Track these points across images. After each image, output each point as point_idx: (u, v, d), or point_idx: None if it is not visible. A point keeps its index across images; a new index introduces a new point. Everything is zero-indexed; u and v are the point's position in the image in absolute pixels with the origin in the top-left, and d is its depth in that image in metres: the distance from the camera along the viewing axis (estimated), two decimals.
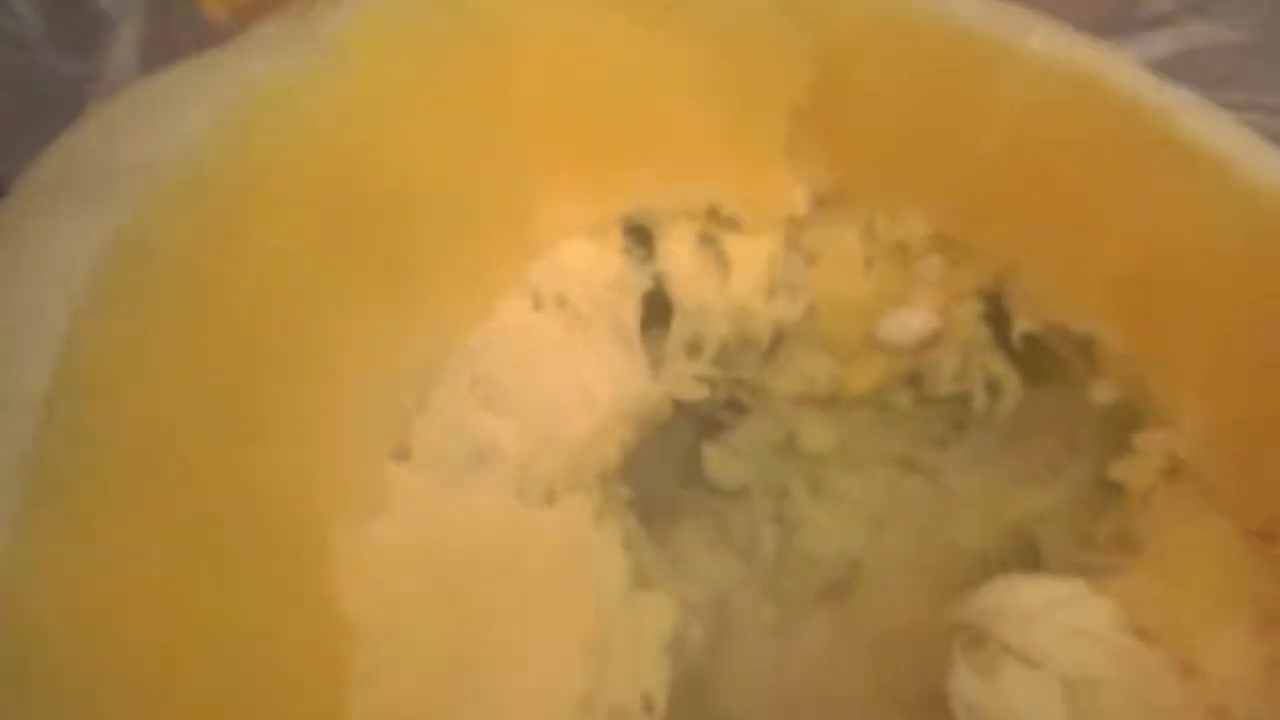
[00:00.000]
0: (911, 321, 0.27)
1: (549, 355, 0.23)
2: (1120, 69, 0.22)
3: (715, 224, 0.26)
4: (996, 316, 0.26)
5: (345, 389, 0.19)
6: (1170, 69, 0.22)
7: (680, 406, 0.27)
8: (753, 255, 0.26)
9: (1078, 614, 0.21)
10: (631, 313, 0.24)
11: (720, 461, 0.31)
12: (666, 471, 0.32)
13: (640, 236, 0.26)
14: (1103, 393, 0.24)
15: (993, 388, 0.27)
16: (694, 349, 0.26)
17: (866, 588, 0.33)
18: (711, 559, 0.34)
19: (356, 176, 0.20)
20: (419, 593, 0.17)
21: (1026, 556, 0.27)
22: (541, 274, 0.24)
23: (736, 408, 0.31)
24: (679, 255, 0.26)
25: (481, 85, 0.22)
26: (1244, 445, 0.21)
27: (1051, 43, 0.22)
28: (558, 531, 0.20)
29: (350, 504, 0.18)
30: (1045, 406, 0.28)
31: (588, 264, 0.25)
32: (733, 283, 0.26)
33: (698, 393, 0.25)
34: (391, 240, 0.21)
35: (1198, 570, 0.21)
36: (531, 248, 0.24)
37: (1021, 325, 0.25)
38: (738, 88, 0.25)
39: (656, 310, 0.26)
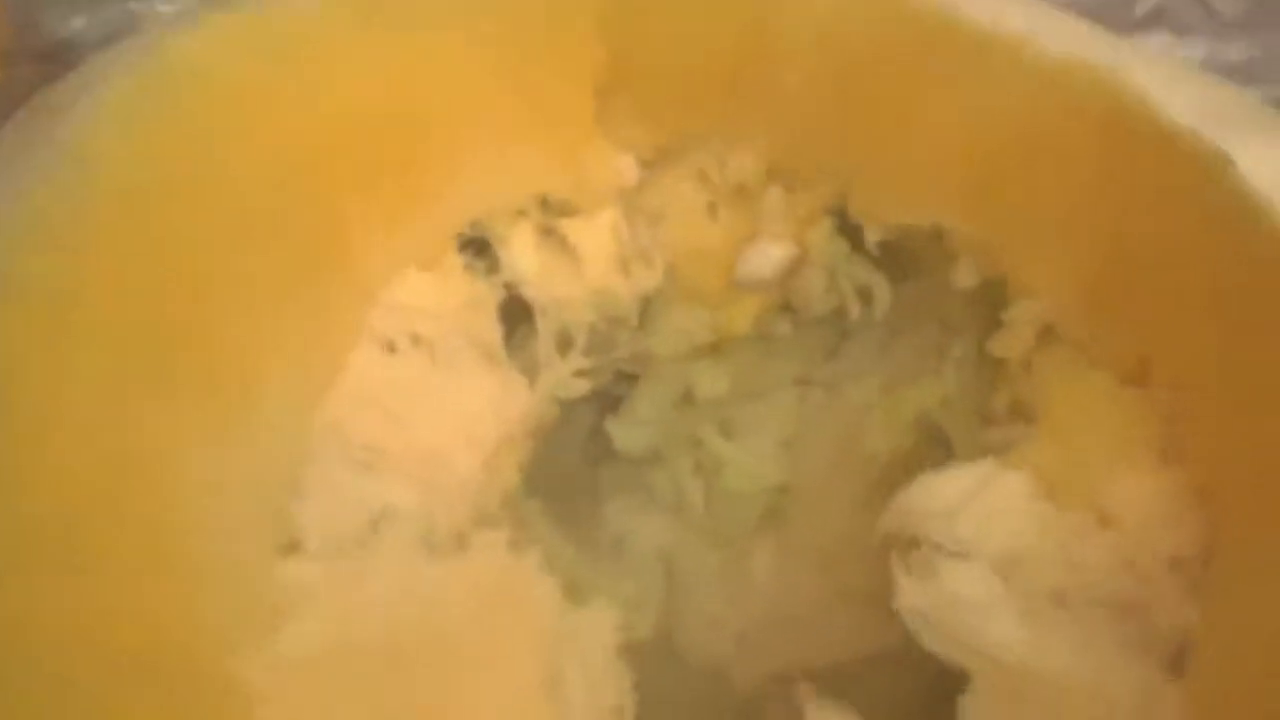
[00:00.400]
0: (770, 253, 0.27)
1: (417, 400, 0.22)
2: None
3: (550, 215, 0.26)
4: (849, 229, 0.27)
5: (204, 507, 0.18)
6: None
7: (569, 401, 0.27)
8: (596, 235, 0.26)
9: (993, 496, 0.22)
10: (490, 330, 0.24)
11: (626, 432, 0.31)
12: (576, 458, 0.32)
13: (480, 249, 0.25)
14: (964, 277, 0.25)
15: (863, 295, 0.28)
16: (564, 344, 0.25)
17: (798, 509, 0.33)
18: (646, 525, 0.34)
19: (151, 291, 0.19)
20: (349, 696, 0.17)
21: (937, 444, 0.28)
22: (384, 317, 0.23)
23: (628, 379, 0.30)
24: (523, 256, 0.25)
25: (251, 153, 0.21)
26: (1103, 300, 0.22)
27: None
28: (477, 575, 0.19)
29: (247, 622, 0.18)
30: (916, 301, 0.28)
31: (430, 294, 0.24)
32: (585, 268, 0.26)
33: (579, 389, 0.25)
34: (211, 340, 0.20)
35: (1089, 425, 0.22)
36: (366, 293, 0.23)
37: (873, 233, 0.25)
38: (531, 75, 0.24)
39: (516, 317, 0.26)
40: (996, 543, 0.22)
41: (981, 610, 0.20)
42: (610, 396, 0.32)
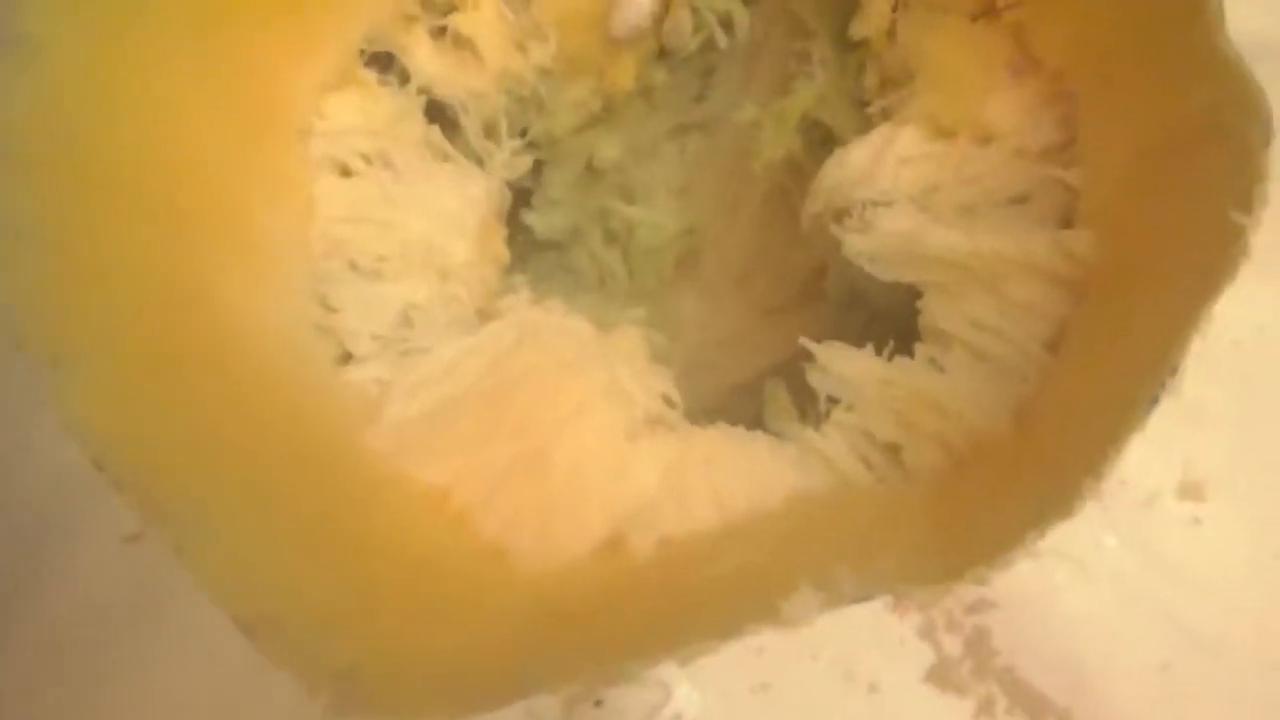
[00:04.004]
0: (639, 3, 0.29)
1: (396, 207, 0.24)
2: None
3: (438, 15, 0.27)
4: None
5: (261, 340, 0.20)
6: None
7: None
8: (486, 23, 0.27)
9: (896, 149, 0.26)
10: (428, 131, 0.25)
11: (545, 218, 0.33)
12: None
13: (384, 65, 0.26)
14: None
15: (724, 23, 0.30)
16: (490, 132, 0.27)
17: (706, 246, 0.37)
18: (573, 303, 0.37)
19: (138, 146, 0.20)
20: (462, 433, 0.19)
21: (819, 144, 0.31)
22: (326, 145, 0.24)
23: (534, 170, 0.32)
24: (428, 60, 0.26)
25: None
26: None
27: None
28: (519, 328, 0.22)
29: (347, 421, 0.20)
30: (770, 18, 0.31)
31: (358, 114, 0.25)
32: (485, 57, 0.27)
33: (523, 167, 0.27)
34: (203, 186, 0.21)
35: (955, 65, 0.26)
36: (302, 126, 0.24)
37: None
38: None
39: (433, 117, 0.27)
40: (909, 184, 0.25)
41: (917, 234, 0.24)
42: (520, 192, 0.34)
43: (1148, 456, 0.14)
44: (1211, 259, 0.15)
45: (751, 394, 0.35)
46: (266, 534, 0.15)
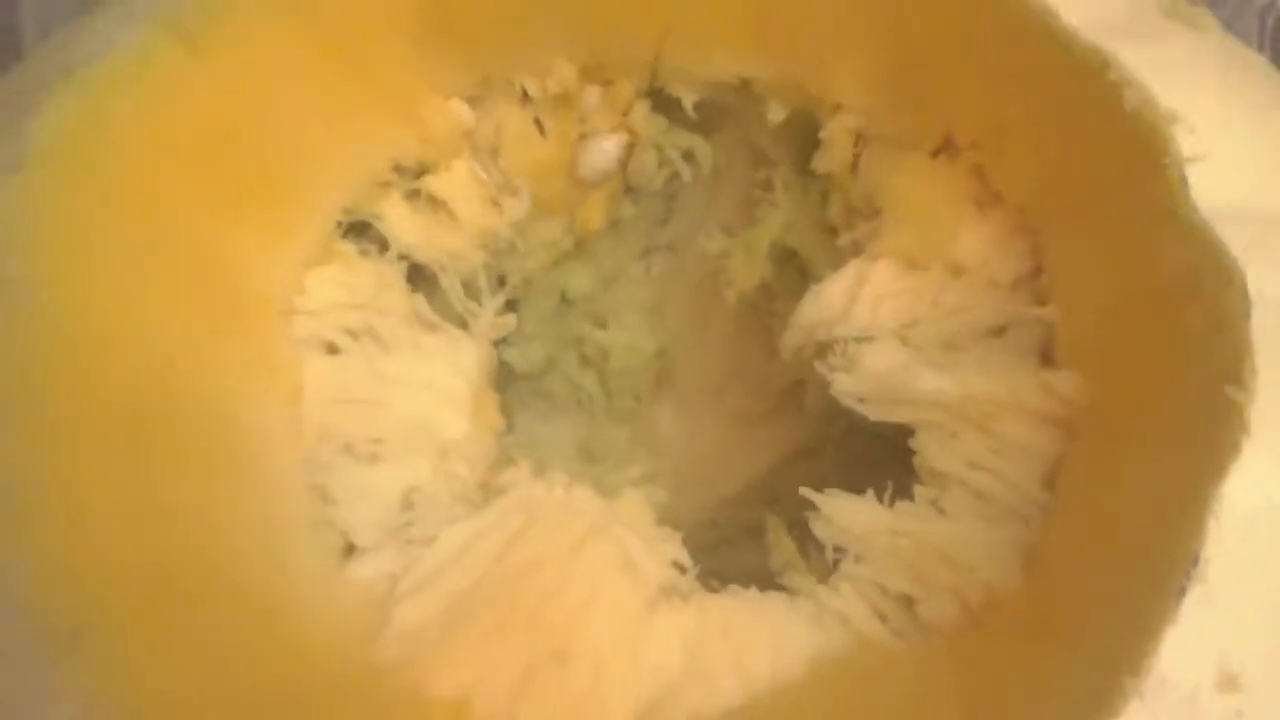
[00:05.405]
0: (605, 147, 0.29)
1: (386, 385, 0.23)
2: None
3: (411, 179, 0.27)
4: (662, 106, 0.29)
5: (256, 554, 0.20)
6: None
7: None
8: (459, 184, 0.27)
9: (872, 284, 0.26)
10: (412, 299, 0.25)
11: (522, 353, 0.33)
12: None
13: (361, 233, 0.26)
14: (775, 114, 0.28)
15: (689, 158, 0.31)
16: (472, 292, 0.27)
17: (680, 363, 0.37)
18: (554, 430, 0.37)
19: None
20: (479, 634, 0.19)
21: (797, 271, 0.32)
22: (310, 324, 0.24)
23: (509, 306, 0.32)
24: (405, 226, 0.26)
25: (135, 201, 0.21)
26: (899, 93, 0.26)
27: None
28: (525, 505, 0.22)
29: (358, 626, 0.19)
30: (731, 149, 0.32)
31: (340, 289, 0.25)
32: (461, 218, 0.27)
33: (509, 326, 0.27)
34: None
35: (921, 201, 0.26)
36: (283, 308, 0.24)
37: (689, 95, 0.28)
38: (353, 50, 0.25)
39: (415, 283, 0.27)
40: (889, 318, 0.26)
41: (904, 372, 0.25)
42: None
43: (1182, 649, 0.14)
44: (1210, 433, 0.16)
45: (741, 505, 0.36)
46: None
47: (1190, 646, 0.14)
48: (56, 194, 0.20)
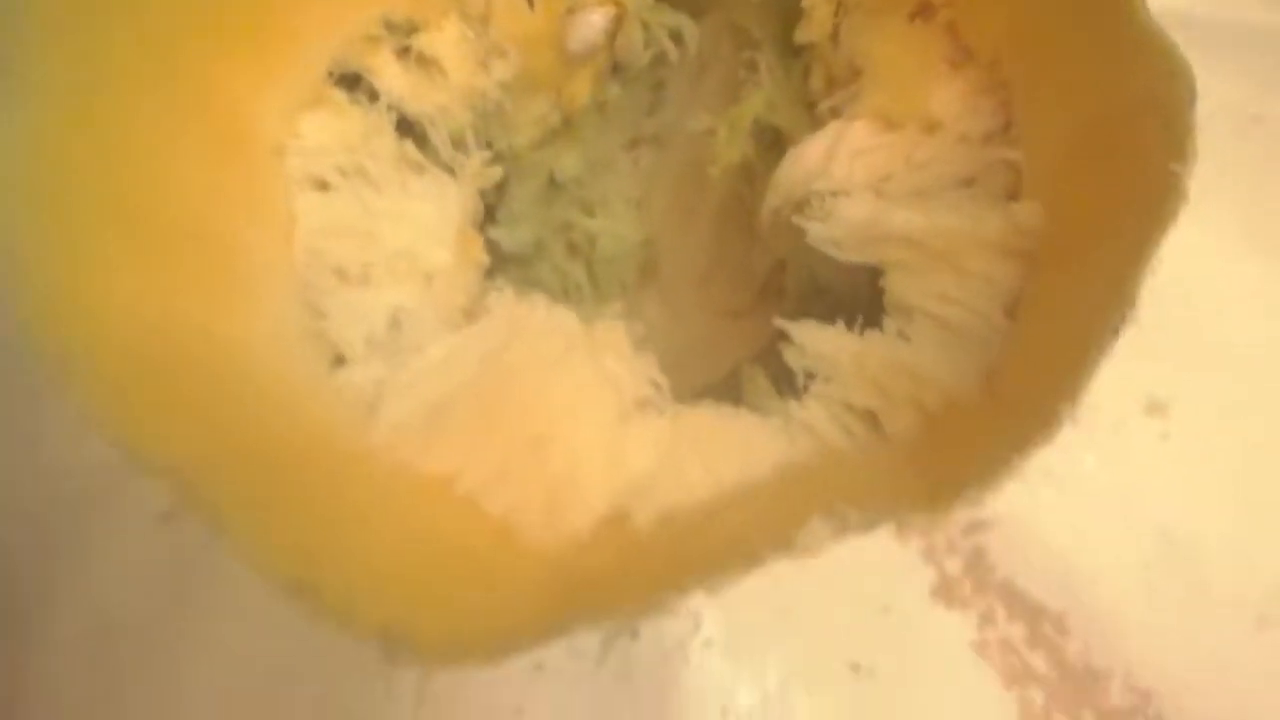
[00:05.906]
0: (592, 20, 0.30)
1: (375, 218, 0.24)
2: None
3: (402, 36, 0.27)
4: None
5: (261, 349, 0.21)
6: None
7: None
8: (449, 43, 0.28)
9: (849, 143, 0.27)
10: (401, 145, 0.26)
11: (510, 233, 0.34)
12: None
13: (352, 85, 0.27)
14: None
15: (675, 38, 0.32)
16: (459, 144, 0.28)
17: (664, 254, 0.38)
18: None
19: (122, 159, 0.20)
20: (461, 428, 0.20)
21: (771, 147, 0.33)
22: (302, 162, 0.25)
23: (497, 187, 0.33)
24: (395, 79, 0.27)
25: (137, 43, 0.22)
26: None
27: None
28: (508, 323, 0.22)
29: (344, 421, 0.20)
30: (718, 34, 0.32)
31: (332, 132, 0.26)
32: (450, 75, 0.28)
33: (494, 177, 0.28)
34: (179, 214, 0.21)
35: (894, 59, 0.27)
36: (276, 145, 0.25)
37: None
38: None
39: (403, 135, 0.28)
40: (864, 173, 0.27)
41: (876, 217, 0.25)
42: (484, 209, 0.34)
43: (1115, 382, 0.15)
44: (1154, 207, 0.17)
45: (724, 392, 0.37)
46: (289, 513, 0.16)
47: (1122, 379, 0.15)
48: (58, 15, 0.21)
